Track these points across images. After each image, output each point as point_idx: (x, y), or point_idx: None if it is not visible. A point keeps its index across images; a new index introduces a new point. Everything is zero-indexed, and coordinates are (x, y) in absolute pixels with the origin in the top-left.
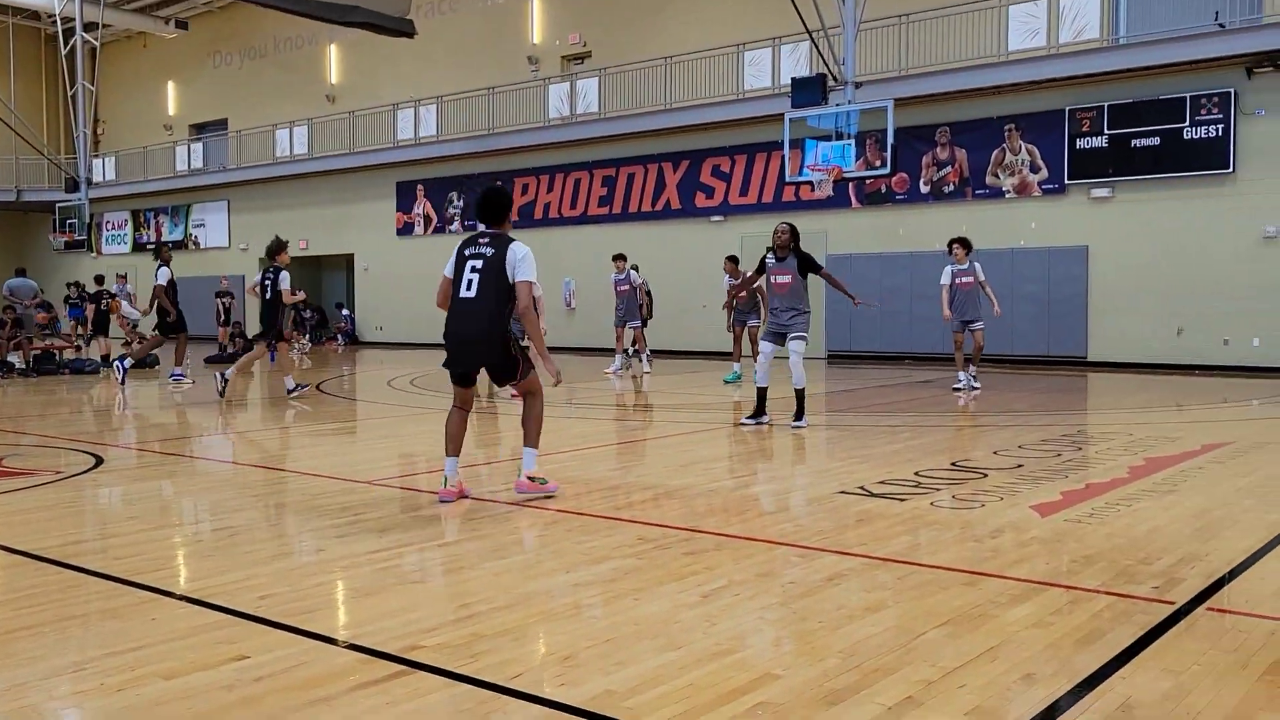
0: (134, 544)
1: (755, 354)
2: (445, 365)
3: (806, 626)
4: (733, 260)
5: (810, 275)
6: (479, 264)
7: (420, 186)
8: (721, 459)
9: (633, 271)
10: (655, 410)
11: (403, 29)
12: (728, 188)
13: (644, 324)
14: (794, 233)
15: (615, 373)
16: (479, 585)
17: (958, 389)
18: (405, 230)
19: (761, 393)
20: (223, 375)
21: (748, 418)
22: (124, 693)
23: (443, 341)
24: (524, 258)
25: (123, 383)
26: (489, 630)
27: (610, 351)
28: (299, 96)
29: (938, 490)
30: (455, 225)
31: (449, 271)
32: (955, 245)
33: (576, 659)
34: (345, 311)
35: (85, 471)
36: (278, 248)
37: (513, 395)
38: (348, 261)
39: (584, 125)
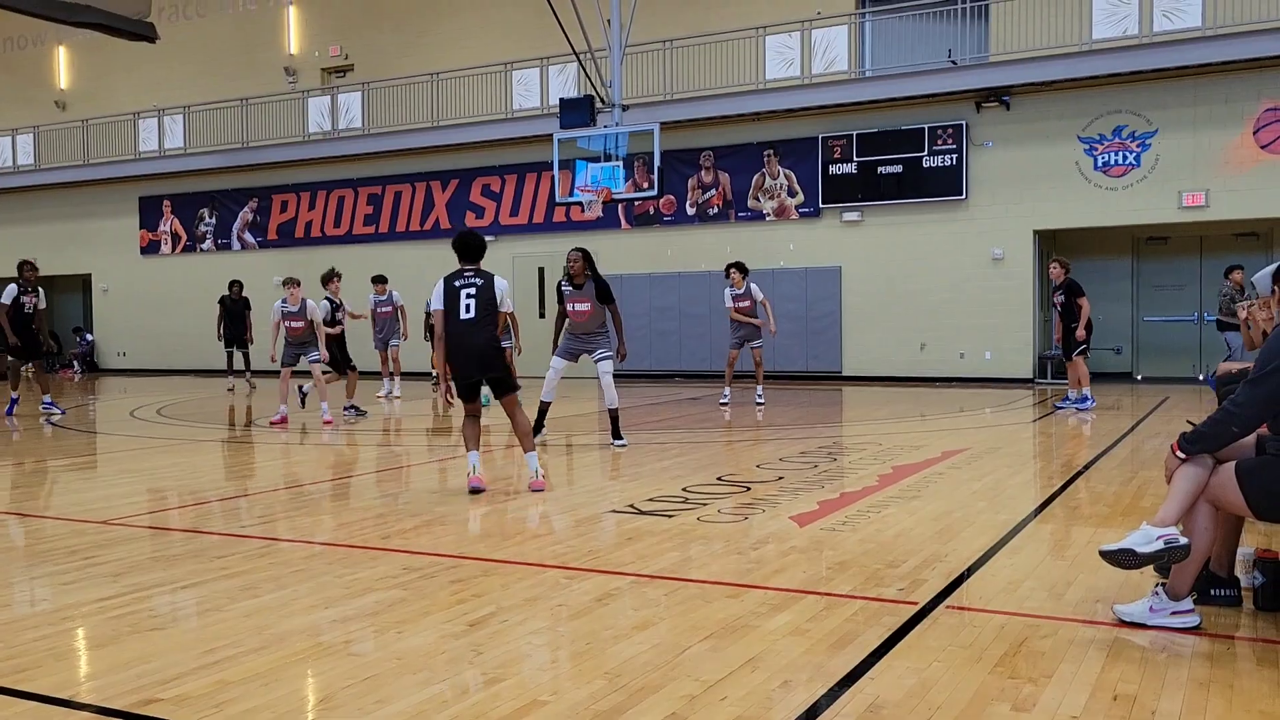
0: None
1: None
2: (457, 380)
3: (575, 649)
4: None
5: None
6: (472, 291)
7: (167, 202)
8: (492, 481)
9: (394, 293)
10: (420, 435)
11: (142, 32)
12: (498, 207)
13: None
14: (588, 259)
15: (387, 396)
16: (227, 628)
17: (724, 404)
18: (151, 249)
19: (544, 408)
20: (301, 389)
21: None
22: None
23: (451, 362)
24: (508, 291)
25: None
26: (236, 676)
27: (377, 375)
28: (23, 101)
29: (705, 505)
30: (208, 244)
31: (439, 304)
32: (732, 270)
33: (332, 701)
34: (89, 337)
35: None
36: (325, 278)
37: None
38: (84, 282)
39: (347, 141)
